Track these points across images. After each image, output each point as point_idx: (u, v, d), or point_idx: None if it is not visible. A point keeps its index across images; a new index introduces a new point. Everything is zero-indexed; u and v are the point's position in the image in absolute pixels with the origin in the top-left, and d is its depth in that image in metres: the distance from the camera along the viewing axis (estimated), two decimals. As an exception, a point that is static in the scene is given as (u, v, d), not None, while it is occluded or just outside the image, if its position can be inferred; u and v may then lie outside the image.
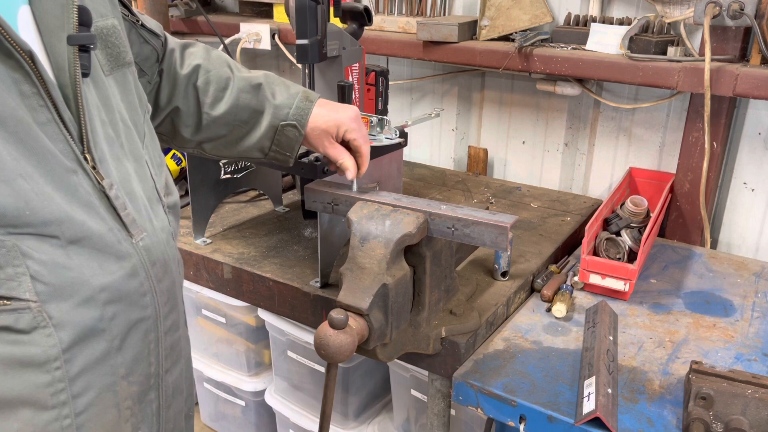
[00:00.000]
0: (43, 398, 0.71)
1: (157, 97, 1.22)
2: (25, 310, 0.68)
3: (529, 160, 2.37)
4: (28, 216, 0.68)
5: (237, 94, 1.23)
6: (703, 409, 1.15)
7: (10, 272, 0.67)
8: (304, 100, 1.26)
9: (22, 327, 0.68)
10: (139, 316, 0.80)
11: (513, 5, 2.06)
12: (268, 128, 1.25)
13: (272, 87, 1.26)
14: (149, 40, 1.14)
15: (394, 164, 1.64)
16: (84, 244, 0.73)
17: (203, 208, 1.77)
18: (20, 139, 0.68)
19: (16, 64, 0.69)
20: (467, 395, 1.32)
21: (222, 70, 1.25)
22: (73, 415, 0.73)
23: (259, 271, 1.62)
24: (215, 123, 1.24)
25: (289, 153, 1.28)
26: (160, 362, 0.86)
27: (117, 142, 0.83)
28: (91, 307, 0.74)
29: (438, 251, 1.33)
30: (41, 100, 0.71)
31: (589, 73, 1.91)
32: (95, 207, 0.75)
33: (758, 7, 1.67)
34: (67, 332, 0.71)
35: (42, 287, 0.69)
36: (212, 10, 2.90)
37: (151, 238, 0.84)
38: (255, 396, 2.23)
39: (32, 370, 0.69)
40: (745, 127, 1.94)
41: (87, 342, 0.73)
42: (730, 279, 1.73)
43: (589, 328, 1.44)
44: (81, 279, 0.72)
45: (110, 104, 0.85)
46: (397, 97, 2.56)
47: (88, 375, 0.74)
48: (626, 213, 1.83)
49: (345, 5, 1.81)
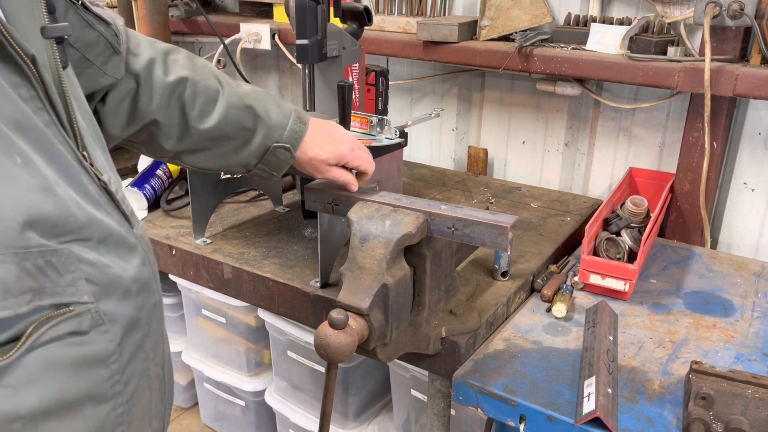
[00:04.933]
0: (104, 391, 0.74)
1: (135, 105, 1.14)
2: (85, 313, 0.71)
3: (529, 160, 2.37)
4: (71, 223, 0.69)
5: (226, 109, 1.19)
6: (703, 409, 1.15)
7: (68, 279, 0.69)
8: (298, 122, 1.24)
9: (84, 329, 0.71)
10: (154, 301, 0.84)
11: (513, 5, 2.06)
12: (259, 147, 1.22)
13: (264, 105, 1.23)
14: (94, 25, 1.03)
15: (394, 164, 1.64)
16: (108, 242, 0.75)
17: (203, 208, 1.77)
18: (41, 147, 0.68)
19: (15, 68, 0.67)
20: (467, 395, 1.33)
21: (209, 81, 1.20)
22: (124, 403, 0.78)
23: (259, 271, 1.62)
24: (200, 136, 1.20)
25: (276, 172, 1.27)
26: (164, 341, 0.90)
27: (90, 132, 0.83)
28: (129, 299, 0.77)
29: (438, 251, 1.33)
30: (40, 103, 0.70)
31: (589, 73, 1.91)
32: (103, 204, 0.77)
33: (758, 7, 1.67)
34: (118, 326, 0.75)
35: (95, 288, 0.72)
36: (212, 10, 2.90)
37: (141, 226, 0.87)
38: (255, 396, 2.23)
39: (96, 366, 0.73)
40: (745, 127, 1.94)
41: (131, 332, 0.78)
42: (730, 279, 1.73)
43: (589, 328, 1.44)
44: (117, 274, 0.76)
45: (78, 93, 0.84)
46: (397, 97, 2.56)
47: (132, 363, 0.78)
48: (626, 213, 1.83)
49: (345, 5, 1.82)
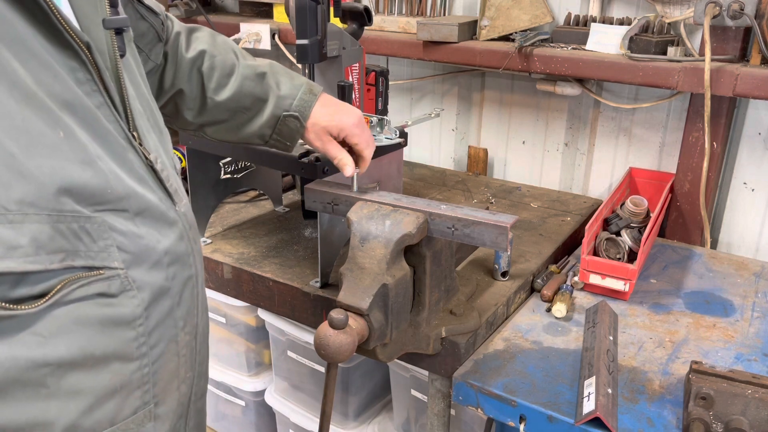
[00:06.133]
0: (129, 351, 0.80)
1: (161, 79, 1.24)
2: (114, 277, 0.77)
3: (529, 160, 2.37)
4: (109, 194, 0.76)
5: (241, 81, 1.26)
6: (703, 409, 1.15)
7: (101, 245, 0.75)
8: (308, 92, 1.29)
9: (113, 292, 0.77)
10: (188, 274, 0.90)
11: (513, 5, 2.06)
12: (271, 117, 1.28)
13: (277, 77, 1.29)
14: (146, 17, 1.15)
15: (394, 164, 1.64)
16: (146, 215, 0.81)
17: (203, 208, 1.77)
18: (89, 124, 0.76)
19: (73, 54, 0.75)
20: (467, 395, 1.32)
21: (227, 56, 1.28)
22: (150, 364, 0.83)
23: (259, 271, 1.62)
24: (218, 108, 1.27)
25: (290, 142, 1.31)
26: (200, 313, 0.95)
27: (145, 116, 0.90)
28: (159, 269, 0.83)
29: (438, 251, 1.33)
30: (94, 86, 0.78)
31: (589, 73, 1.91)
32: (147, 181, 0.84)
33: (758, 7, 1.67)
34: (146, 293, 0.81)
35: (126, 256, 0.78)
36: (212, 10, 2.90)
37: (186, 204, 0.93)
38: (255, 396, 2.23)
39: (122, 327, 0.79)
40: (745, 127, 1.94)
41: (159, 300, 0.83)
42: (730, 279, 1.73)
43: (589, 328, 1.44)
44: (149, 246, 0.81)
45: (136, 80, 0.91)
46: (397, 97, 2.56)
47: (160, 329, 0.84)
48: (626, 213, 1.83)
49: (345, 5, 1.81)
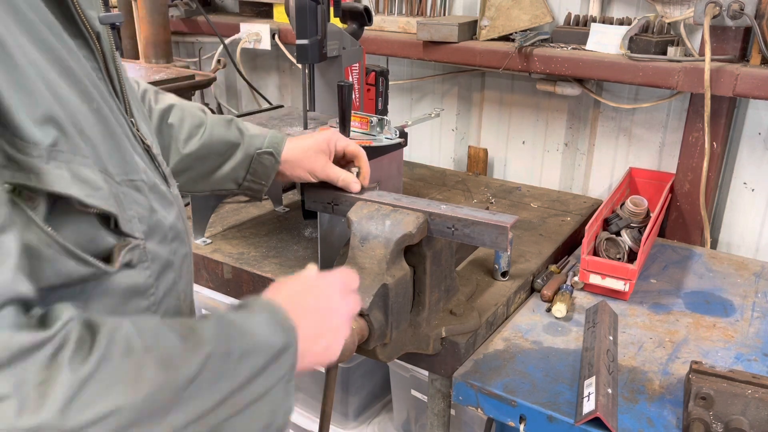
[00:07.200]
0: None
1: None
2: (136, 248, 0.80)
3: (529, 160, 2.37)
4: (132, 166, 0.80)
5: (211, 129, 1.32)
6: (703, 409, 1.15)
7: (130, 214, 0.78)
8: (276, 133, 1.36)
9: (134, 261, 0.80)
10: (185, 251, 0.94)
11: (513, 5, 2.06)
12: (244, 157, 1.33)
13: (243, 123, 1.37)
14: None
15: (394, 164, 1.64)
16: (155, 191, 0.86)
17: (203, 208, 1.77)
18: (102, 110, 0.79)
19: (84, 43, 0.79)
20: (467, 395, 1.32)
21: (195, 111, 1.35)
22: None
23: (259, 271, 1.62)
24: (188, 158, 1.32)
25: (264, 182, 1.35)
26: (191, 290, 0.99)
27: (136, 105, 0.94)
28: (166, 243, 0.86)
29: (438, 251, 1.33)
30: (100, 74, 0.82)
31: (589, 73, 1.91)
32: (147, 163, 0.88)
33: (758, 7, 1.67)
34: (156, 265, 0.84)
35: (144, 227, 0.81)
36: (212, 10, 2.90)
37: (176, 188, 0.97)
38: (255, 396, 2.23)
39: (138, 297, 0.82)
40: (745, 127, 1.94)
41: (165, 272, 0.87)
42: (730, 279, 1.73)
43: (589, 328, 1.44)
44: (159, 220, 0.85)
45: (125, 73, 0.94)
46: (397, 97, 2.56)
47: (166, 300, 0.87)
48: (626, 213, 1.83)
49: (345, 5, 1.81)
